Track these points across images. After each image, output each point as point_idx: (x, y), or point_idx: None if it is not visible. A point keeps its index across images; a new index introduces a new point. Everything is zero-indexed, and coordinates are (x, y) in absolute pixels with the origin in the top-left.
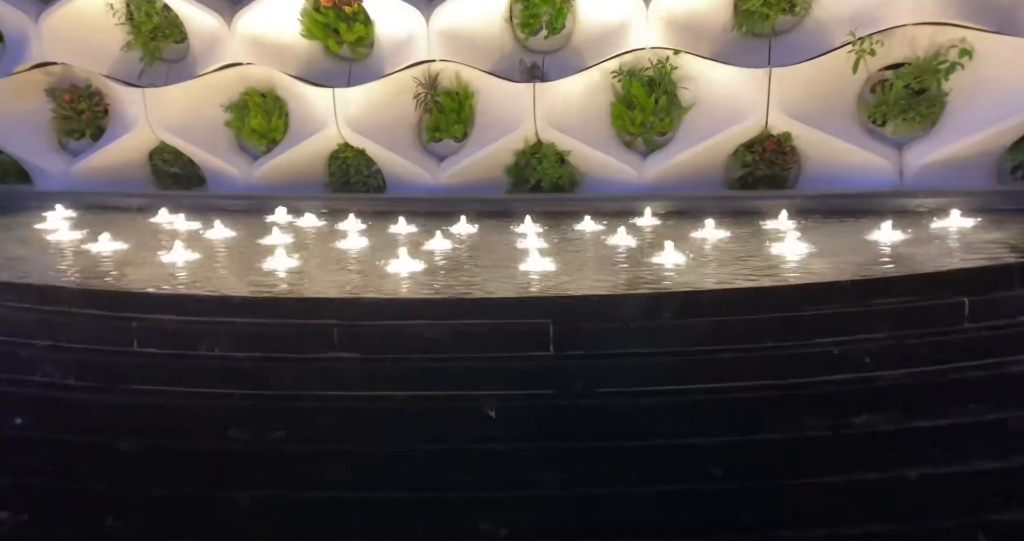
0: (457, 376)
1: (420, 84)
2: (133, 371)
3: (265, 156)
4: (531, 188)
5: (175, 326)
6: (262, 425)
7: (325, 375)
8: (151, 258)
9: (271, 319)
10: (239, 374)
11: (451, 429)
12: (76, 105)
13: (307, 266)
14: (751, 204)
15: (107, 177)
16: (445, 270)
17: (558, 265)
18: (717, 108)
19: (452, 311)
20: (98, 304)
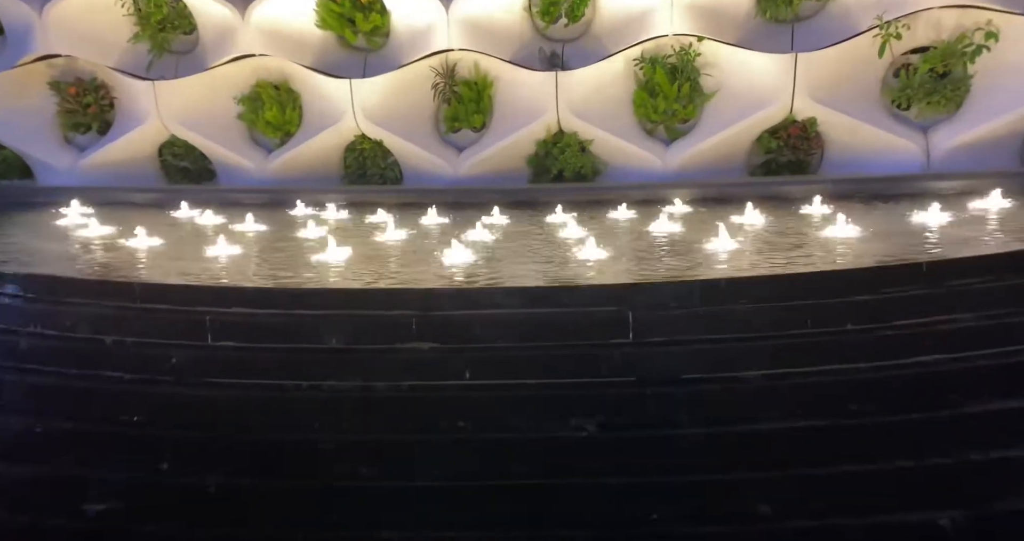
0: (539, 365)
1: (438, 74)
2: (211, 365)
3: (280, 149)
4: (553, 178)
5: (254, 320)
6: (350, 416)
7: (406, 365)
8: (197, 252)
9: (362, 311)
10: (322, 365)
11: (535, 419)
12: (82, 99)
13: (364, 258)
14: (780, 190)
15: (115, 172)
16: (502, 260)
17: (612, 253)
18: (741, 94)
19: (532, 300)
20: (175, 299)
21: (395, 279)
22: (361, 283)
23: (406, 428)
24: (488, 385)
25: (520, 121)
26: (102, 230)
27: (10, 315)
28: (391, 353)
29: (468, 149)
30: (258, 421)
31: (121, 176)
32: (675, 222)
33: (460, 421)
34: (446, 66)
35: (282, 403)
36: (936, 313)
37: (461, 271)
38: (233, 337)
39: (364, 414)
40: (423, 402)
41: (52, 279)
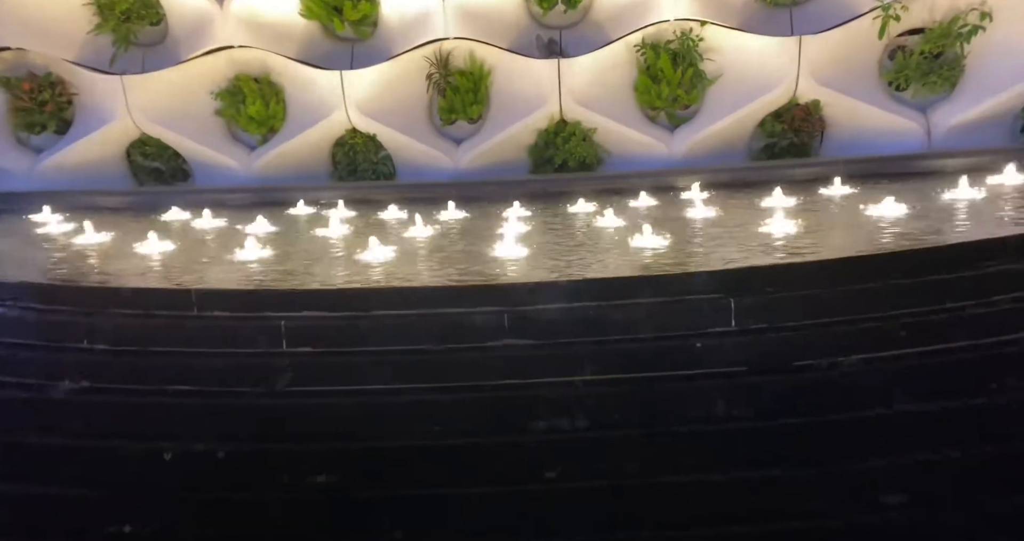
0: (644, 357)
1: (432, 64)
2: (290, 373)
3: (265, 145)
4: (556, 168)
5: (332, 323)
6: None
7: (499, 363)
8: (225, 256)
9: (446, 309)
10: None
11: (645, 413)
12: (37, 96)
13: (411, 256)
14: (787, 173)
15: (78, 174)
16: (558, 252)
17: (670, 240)
18: (744, 79)
19: (622, 290)
20: (245, 306)
21: (458, 274)
22: (442, 279)
23: (510, 429)
24: (594, 380)
25: (519, 111)
26: (98, 237)
27: (56, 330)
28: (483, 352)
29: (467, 141)
30: (363, 429)
31: (85, 179)
32: (709, 207)
33: (568, 420)
34: (440, 56)
35: (383, 409)
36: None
37: (524, 264)
38: (311, 342)
39: (469, 416)
40: (522, 401)
41: (94, 290)
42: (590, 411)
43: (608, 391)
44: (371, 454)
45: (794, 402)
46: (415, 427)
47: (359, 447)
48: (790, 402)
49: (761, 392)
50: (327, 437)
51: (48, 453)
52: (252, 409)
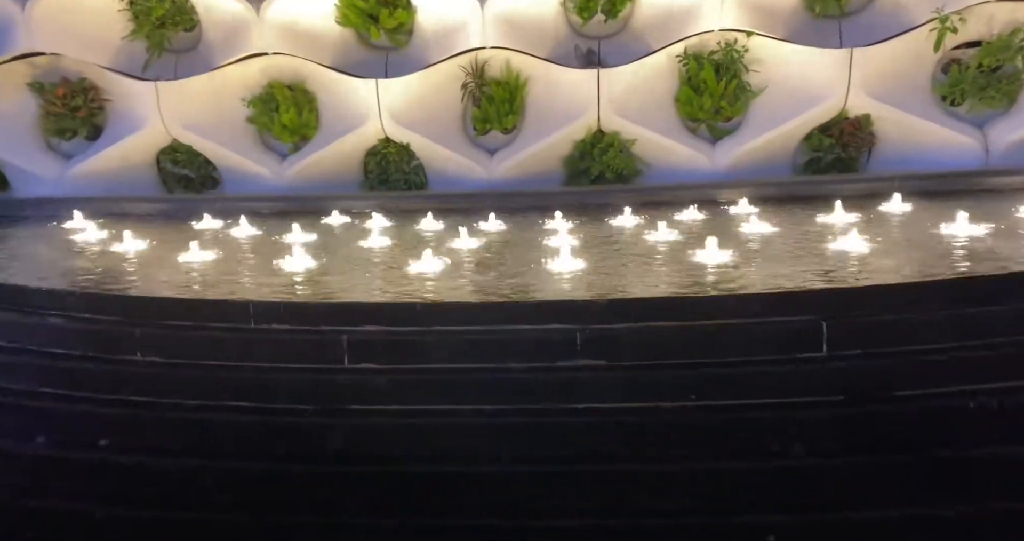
0: (729, 382)
1: (468, 73)
2: (348, 389)
3: (297, 154)
4: (593, 180)
5: (394, 338)
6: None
7: (572, 385)
8: (266, 267)
9: (514, 326)
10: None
11: (729, 444)
12: (70, 101)
13: (464, 268)
14: (832, 188)
15: (108, 181)
16: (618, 267)
17: (735, 256)
18: (790, 91)
19: (703, 310)
20: (304, 319)
21: (518, 288)
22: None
23: (583, 457)
24: (667, 409)
25: (555, 121)
26: (136, 245)
27: (110, 342)
28: (552, 372)
29: (501, 151)
30: (420, 451)
31: (114, 185)
32: (764, 222)
33: (653, 448)
34: (476, 65)
35: (442, 429)
36: None
37: (586, 279)
38: (374, 358)
39: (533, 440)
40: (599, 427)
41: (147, 301)
42: (671, 440)
43: (691, 419)
44: (432, 478)
45: (894, 435)
46: (480, 451)
47: (421, 471)
48: (888, 435)
49: (857, 423)
50: (383, 460)
51: (101, 469)
52: (310, 427)
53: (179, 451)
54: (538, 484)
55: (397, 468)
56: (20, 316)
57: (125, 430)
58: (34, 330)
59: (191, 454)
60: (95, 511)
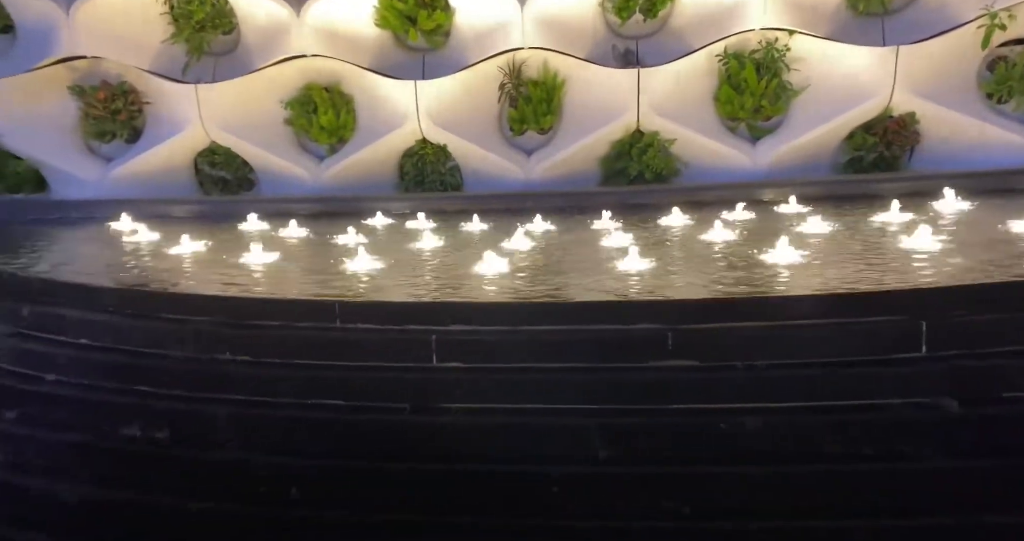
0: (822, 385)
1: (505, 74)
2: (441, 389)
3: (335, 155)
4: (631, 180)
5: (481, 338)
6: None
7: (663, 385)
8: (325, 266)
9: (602, 325)
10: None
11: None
12: (110, 104)
13: (530, 269)
14: (879, 187)
15: (146, 183)
16: (687, 266)
17: (806, 255)
18: (833, 89)
19: (795, 310)
20: (391, 318)
21: (591, 288)
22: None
23: (676, 460)
24: (757, 409)
25: (593, 121)
26: (192, 246)
27: (200, 341)
28: (640, 372)
29: (539, 151)
30: (514, 450)
31: (152, 187)
32: (819, 221)
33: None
34: (513, 65)
35: (531, 430)
36: None
37: (660, 279)
38: (462, 357)
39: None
40: (690, 429)
41: (235, 301)
42: (766, 442)
43: (788, 421)
44: (523, 479)
45: (999, 439)
46: (571, 451)
47: (510, 471)
48: (994, 439)
49: (961, 427)
50: (474, 458)
51: (189, 465)
52: (400, 426)
53: (271, 449)
54: (627, 486)
55: (488, 467)
56: (111, 318)
57: (216, 428)
58: (124, 331)
59: (283, 452)
60: (189, 505)
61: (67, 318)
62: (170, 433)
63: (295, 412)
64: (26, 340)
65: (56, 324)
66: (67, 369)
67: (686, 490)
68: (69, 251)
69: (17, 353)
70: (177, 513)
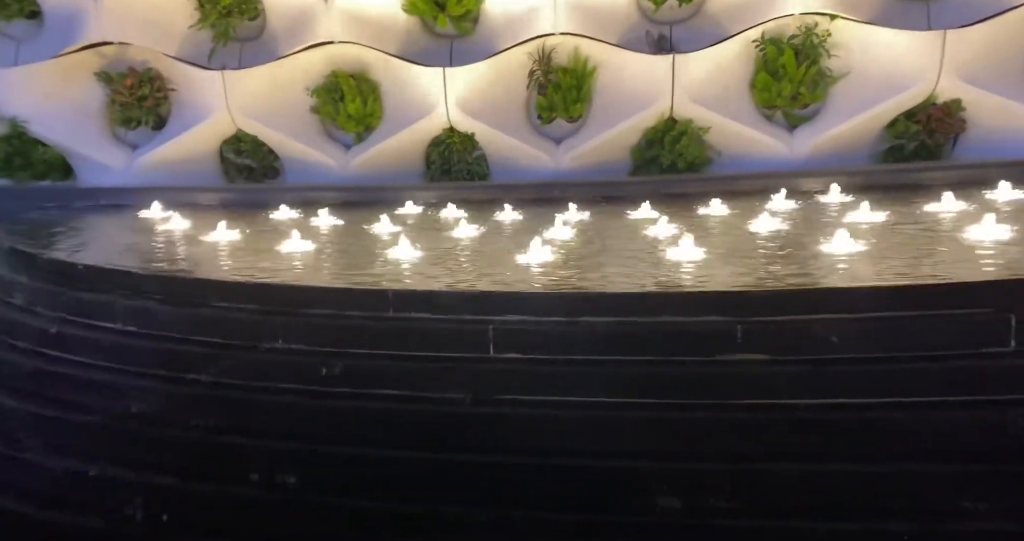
0: (906, 380)
1: (535, 61)
2: (498, 380)
3: (362, 144)
4: (664, 169)
5: (540, 328)
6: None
7: (732, 379)
8: (371, 257)
9: (668, 317)
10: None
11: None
12: (137, 91)
13: (578, 258)
14: (920, 177)
15: (172, 171)
16: (746, 257)
17: (868, 245)
18: (874, 76)
19: (875, 302)
20: (444, 307)
21: (647, 278)
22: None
23: (746, 456)
24: (828, 405)
25: (624, 109)
26: (228, 234)
27: (248, 329)
28: (710, 366)
29: (568, 140)
30: (575, 444)
31: (178, 175)
32: (872, 211)
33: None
34: (543, 52)
35: (593, 423)
36: None
37: (720, 270)
38: (519, 348)
39: (683, 436)
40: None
41: (285, 289)
42: (844, 439)
43: (864, 417)
44: (585, 473)
45: None
46: (633, 445)
47: (571, 465)
48: None
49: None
50: (532, 452)
51: (242, 453)
52: (455, 417)
53: (327, 439)
54: (692, 483)
55: (549, 461)
56: (158, 305)
57: (271, 418)
58: (170, 318)
59: (340, 442)
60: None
61: (115, 305)
62: (223, 422)
63: (350, 402)
64: (76, 327)
65: (104, 311)
66: (112, 355)
67: (748, 488)
68: (107, 239)
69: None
70: (250, 501)
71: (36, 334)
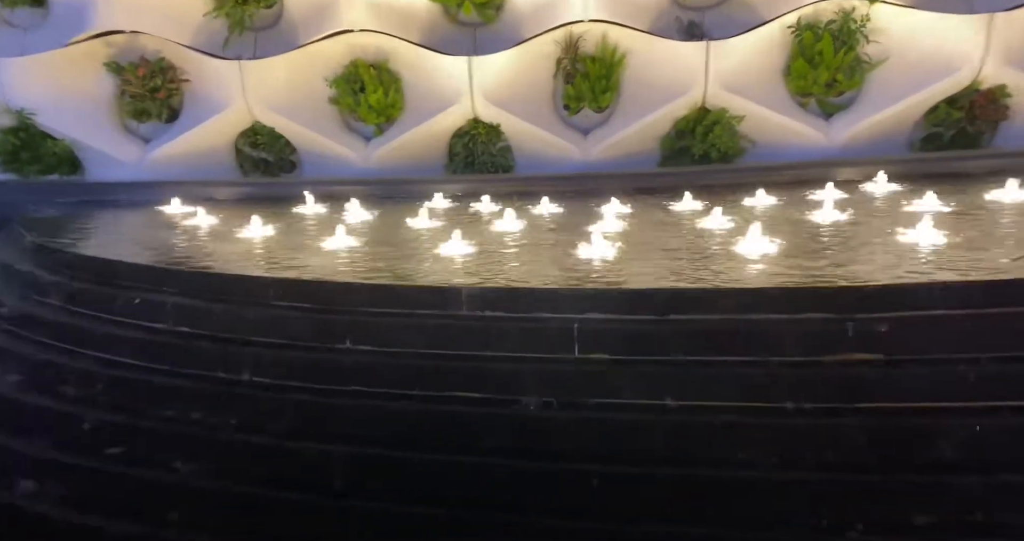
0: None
1: (563, 49)
2: (584, 382)
3: (384, 135)
4: (697, 160)
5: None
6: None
7: (843, 381)
8: (430, 251)
9: (768, 315)
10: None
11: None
12: (149, 82)
13: (646, 252)
14: (957, 166)
15: (186, 165)
16: (817, 252)
17: (949, 235)
18: (914, 61)
19: (1000, 295)
20: (521, 305)
21: (718, 273)
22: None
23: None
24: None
25: (654, 98)
26: (263, 230)
27: (320, 330)
28: (817, 367)
29: (597, 131)
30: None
31: (192, 168)
32: (941, 201)
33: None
34: (570, 40)
35: (688, 428)
36: None
37: (793, 264)
38: (604, 348)
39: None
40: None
41: (360, 287)
42: (971, 446)
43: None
44: (678, 482)
45: None
46: (730, 455)
47: (669, 474)
48: None
49: None
50: (624, 460)
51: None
52: (537, 420)
53: (394, 445)
54: (795, 493)
55: (643, 470)
56: (216, 306)
57: (340, 420)
58: (240, 319)
59: (411, 448)
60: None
61: (168, 305)
62: (292, 426)
63: (419, 405)
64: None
65: (162, 312)
66: (178, 359)
67: (865, 498)
68: (137, 235)
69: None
70: (314, 509)
71: (101, 338)
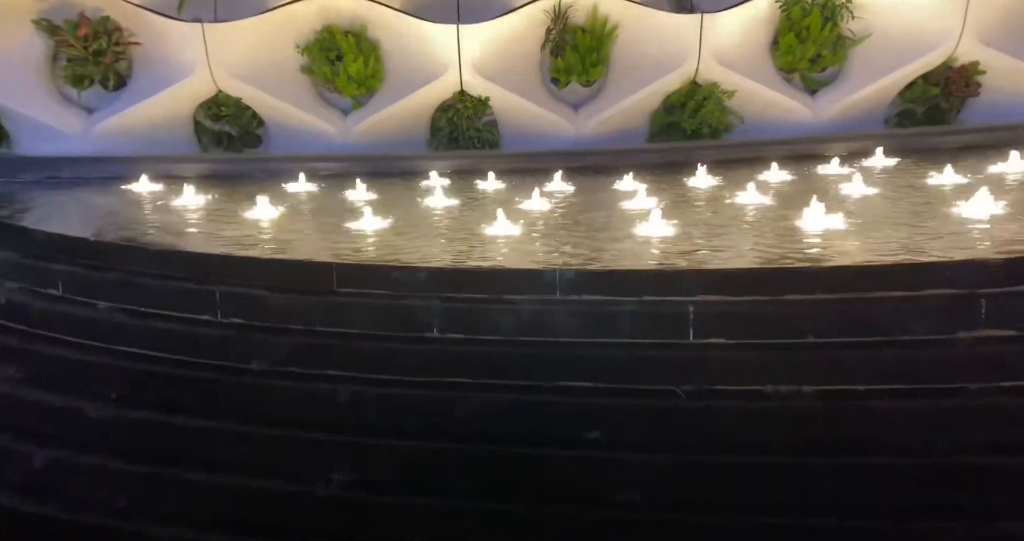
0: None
1: (552, 19)
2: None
3: (365, 108)
4: (688, 135)
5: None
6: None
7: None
8: (476, 231)
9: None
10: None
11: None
12: (92, 44)
13: (703, 230)
14: (933, 142)
15: (138, 138)
16: (894, 221)
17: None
18: (895, 38)
19: None
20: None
21: (788, 250)
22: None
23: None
24: None
25: (645, 72)
26: (270, 211)
27: (406, 317)
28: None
29: (588, 105)
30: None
31: (141, 142)
32: (959, 174)
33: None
34: (559, 11)
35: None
36: None
37: (878, 238)
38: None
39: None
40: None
41: (442, 272)
42: None
43: None
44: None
45: None
46: (863, 438)
47: (793, 463)
48: None
49: None
50: (748, 450)
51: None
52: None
53: (499, 438)
54: (931, 480)
55: (770, 459)
56: (279, 296)
57: (433, 414)
58: (314, 309)
59: (529, 442)
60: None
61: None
62: (375, 418)
63: (516, 395)
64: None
65: (243, 306)
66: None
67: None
68: (135, 218)
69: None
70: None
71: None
